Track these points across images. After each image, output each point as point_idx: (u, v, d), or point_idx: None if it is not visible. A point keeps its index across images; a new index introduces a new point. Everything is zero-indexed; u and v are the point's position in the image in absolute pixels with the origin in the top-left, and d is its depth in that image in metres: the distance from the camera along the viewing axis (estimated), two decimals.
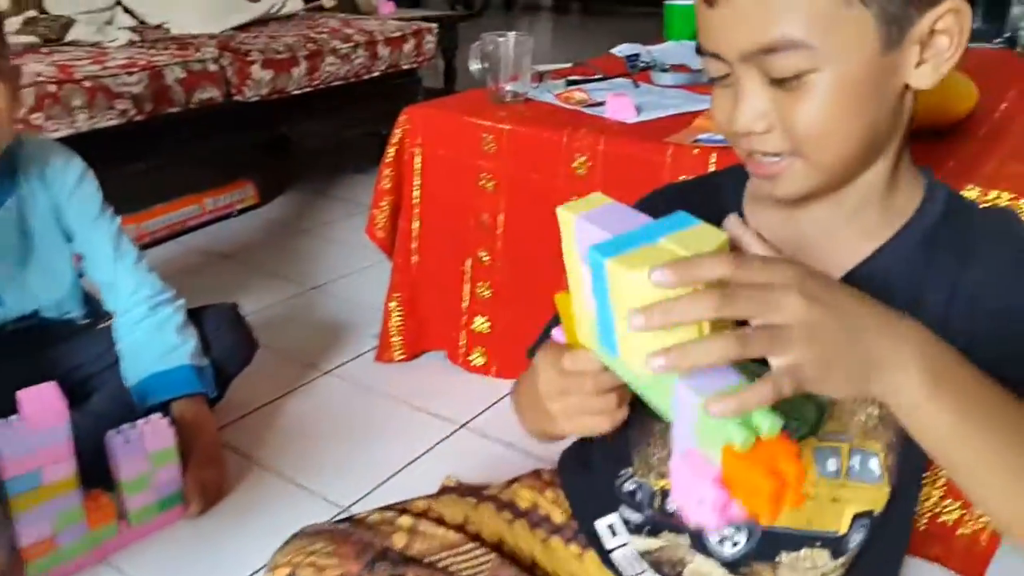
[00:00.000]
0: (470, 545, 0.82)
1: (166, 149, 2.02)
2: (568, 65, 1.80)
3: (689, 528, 0.74)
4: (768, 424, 0.44)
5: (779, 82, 0.57)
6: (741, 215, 0.70)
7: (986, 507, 0.57)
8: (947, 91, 1.24)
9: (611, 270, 0.47)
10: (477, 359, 1.56)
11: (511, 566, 0.82)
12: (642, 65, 1.79)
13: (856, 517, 0.71)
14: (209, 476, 1.17)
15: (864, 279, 0.64)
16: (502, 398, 1.48)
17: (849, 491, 0.70)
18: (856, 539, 0.73)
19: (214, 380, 1.27)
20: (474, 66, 1.53)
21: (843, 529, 0.71)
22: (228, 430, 1.38)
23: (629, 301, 0.46)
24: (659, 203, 0.73)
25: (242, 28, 2.43)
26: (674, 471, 0.49)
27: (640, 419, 0.76)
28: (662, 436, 0.75)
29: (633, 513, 0.79)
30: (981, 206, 0.71)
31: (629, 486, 0.79)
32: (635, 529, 0.80)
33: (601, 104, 1.47)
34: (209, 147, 2.16)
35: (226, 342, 1.31)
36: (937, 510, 1.14)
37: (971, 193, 1.04)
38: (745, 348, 0.45)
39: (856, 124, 0.58)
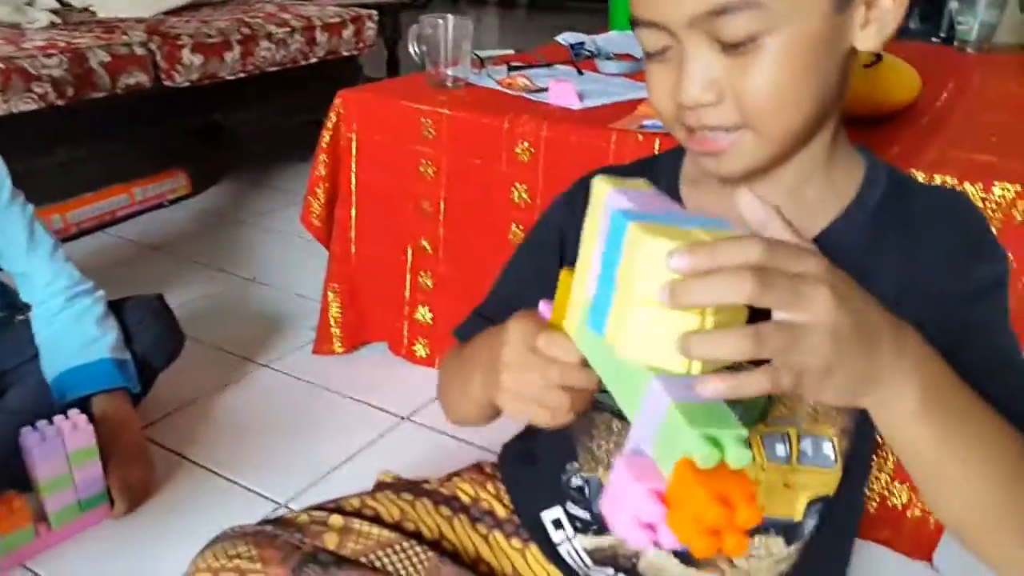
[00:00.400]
0: (407, 543, 0.78)
1: (92, 136, 1.93)
2: (510, 51, 1.77)
3: None
4: (736, 453, 0.39)
5: (730, 47, 0.54)
6: (678, 200, 0.68)
7: (938, 508, 0.55)
8: (892, 78, 1.24)
9: (632, 234, 0.42)
10: (420, 350, 1.52)
11: (451, 563, 0.79)
12: (586, 53, 1.77)
13: (811, 503, 0.69)
14: (134, 474, 1.12)
15: None
16: None
17: (802, 476, 0.68)
18: (811, 524, 0.71)
19: (137, 375, 1.20)
20: (412, 49, 1.49)
21: (798, 516, 0.69)
22: (156, 427, 1.32)
23: (640, 273, 0.41)
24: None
25: (173, 13, 2.34)
26: (615, 471, 0.44)
27: (587, 417, 0.74)
28: (606, 428, 0.73)
29: (580, 510, 0.77)
30: (923, 183, 0.69)
31: (576, 481, 0.76)
32: (582, 527, 0.77)
33: (544, 90, 1.44)
34: (138, 134, 2.07)
35: (150, 334, 1.25)
36: (886, 493, 1.14)
37: (917, 176, 1.04)
38: (762, 347, 0.40)
39: (807, 89, 0.56)
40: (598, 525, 0.75)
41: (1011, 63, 1.93)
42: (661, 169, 0.72)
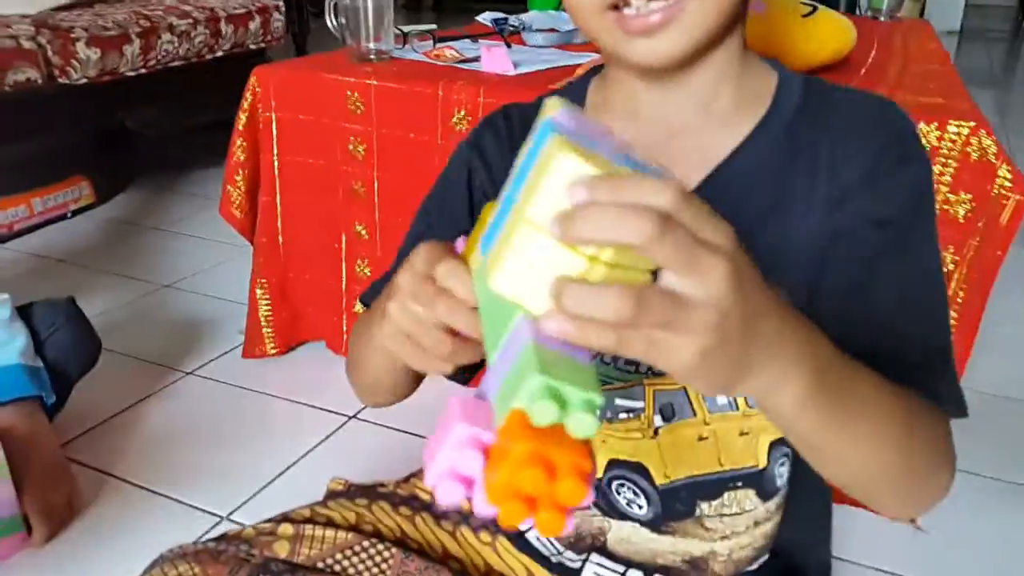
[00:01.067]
0: (367, 542, 0.71)
1: None
2: (433, 27, 1.69)
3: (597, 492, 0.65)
4: (579, 419, 0.33)
5: None
6: None
7: (825, 475, 0.52)
8: (829, 26, 1.22)
9: (550, 146, 0.34)
10: None
11: (418, 558, 0.71)
12: (511, 28, 1.71)
13: (773, 445, 0.64)
14: (53, 495, 0.99)
15: (727, 181, 0.59)
16: None
17: (757, 420, 0.63)
18: (781, 474, 0.66)
19: (51, 384, 1.08)
20: (331, 22, 1.40)
21: (762, 462, 0.64)
22: (75, 444, 1.19)
23: (540, 192, 0.34)
24: (501, 125, 0.69)
25: (62, 9, 2.18)
26: (446, 411, 0.37)
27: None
28: None
29: None
30: (845, 88, 0.64)
31: None
32: None
33: (475, 59, 1.37)
34: (35, 139, 1.91)
35: (63, 340, 1.13)
36: None
37: None
38: (641, 314, 0.33)
39: None
40: None
41: (921, 27, 1.96)
42: (568, 98, 0.67)
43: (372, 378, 0.64)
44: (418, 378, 0.63)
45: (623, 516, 0.66)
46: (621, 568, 0.68)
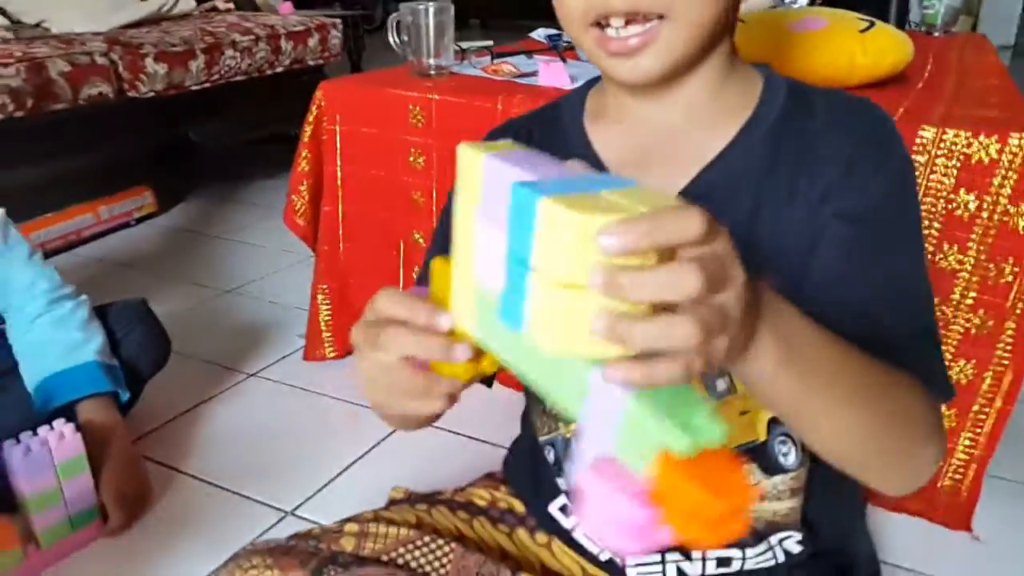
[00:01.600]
0: (428, 537, 0.74)
1: (55, 151, 1.85)
2: (490, 43, 1.73)
3: None
4: (712, 432, 0.34)
5: None
6: (583, 137, 0.67)
7: (815, 450, 0.54)
8: (887, 40, 1.23)
9: (546, 212, 0.34)
10: None
11: (477, 552, 0.74)
12: (564, 44, 1.74)
13: (772, 422, 0.66)
14: (128, 485, 1.04)
15: (714, 181, 0.62)
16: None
17: (755, 401, 0.64)
18: (784, 453, 0.67)
19: (125, 382, 1.13)
20: (393, 39, 1.44)
21: (762, 435, 0.66)
22: (146, 440, 1.24)
23: (564, 255, 0.34)
24: (506, 136, 0.69)
25: (131, 26, 2.27)
26: (582, 486, 0.38)
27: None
28: None
29: (559, 479, 0.73)
30: (827, 89, 0.66)
31: (547, 452, 0.74)
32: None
33: (532, 75, 1.40)
34: (103, 150, 1.99)
35: (137, 340, 1.18)
36: None
37: (927, 134, 1.02)
38: (706, 331, 0.35)
39: None
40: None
41: (976, 41, 1.95)
42: (566, 107, 0.71)
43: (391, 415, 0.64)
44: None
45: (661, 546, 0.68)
46: (656, 557, 0.69)
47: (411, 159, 1.35)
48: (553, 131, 0.70)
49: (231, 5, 2.77)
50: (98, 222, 2.10)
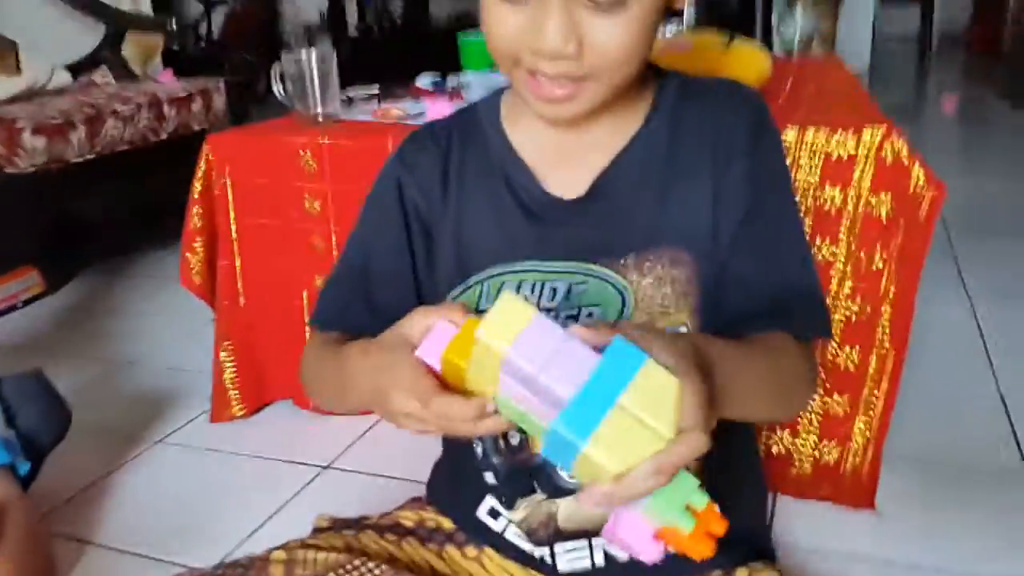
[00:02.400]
0: (359, 561, 0.74)
1: None
2: (376, 89, 1.76)
3: (533, 468, 0.73)
4: (701, 501, 0.51)
5: (600, 5, 0.58)
6: (503, 136, 0.74)
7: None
8: (746, 56, 1.32)
9: (590, 455, 0.48)
10: None
11: (407, 573, 0.75)
12: (451, 89, 1.79)
13: None
14: (30, 561, 0.99)
15: (626, 167, 0.70)
16: (364, 433, 1.38)
17: None
18: None
19: (25, 454, 1.08)
20: (277, 89, 1.45)
21: None
22: (51, 516, 1.18)
23: (651, 407, 0.48)
24: (426, 140, 0.77)
25: (3, 104, 2.20)
26: (616, 528, 0.53)
27: None
28: None
29: (487, 472, 0.76)
30: (706, 79, 0.76)
31: (476, 447, 0.76)
32: (507, 498, 0.76)
33: (420, 115, 1.44)
34: None
35: (34, 410, 1.13)
36: (816, 453, 1.17)
37: (789, 135, 1.10)
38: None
39: (645, 49, 0.63)
40: (507, 494, 0.75)
41: (831, 61, 2.10)
42: (483, 112, 0.76)
43: (333, 400, 0.74)
44: None
45: (568, 492, 0.72)
46: (583, 542, 0.73)
47: (306, 205, 1.36)
48: (473, 133, 0.76)
49: (109, 79, 2.72)
50: None
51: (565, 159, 0.71)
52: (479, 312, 0.57)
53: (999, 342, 1.59)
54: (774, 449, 1.18)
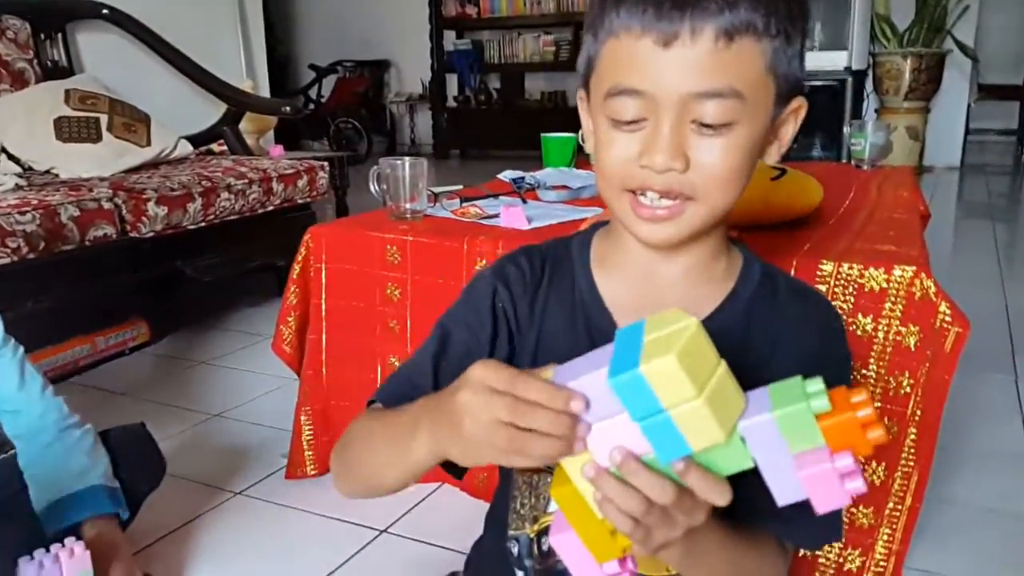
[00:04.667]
0: None
1: (60, 287, 2.00)
2: (460, 187, 1.93)
3: (560, 573, 0.78)
4: (821, 401, 0.53)
5: (705, 126, 0.63)
6: (589, 278, 0.77)
7: None
8: (797, 186, 1.43)
9: (649, 372, 0.50)
10: None
11: None
12: (527, 186, 1.94)
13: None
14: None
15: None
16: (422, 500, 1.50)
17: None
18: None
19: (125, 502, 1.24)
20: (373, 188, 1.63)
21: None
22: (143, 555, 1.34)
23: (674, 389, 0.51)
24: (523, 261, 0.79)
25: (133, 171, 2.48)
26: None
27: (509, 474, 0.81)
28: (527, 485, 0.80)
29: (519, 572, 0.82)
30: (789, 278, 0.80)
31: (512, 546, 0.82)
32: None
33: (495, 216, 1.59)
34: (103, 284, 2.15)
35: (135, 462, 1.29)
36: (840, 560, 1.23)
37: (826, 267, 1.20)
38: (643, 521, 0.58)
39: (744, 177, 0.67)
40: None
41: (900, 174, 2.17)
42: (575, 247, 0.80)
43: (375, 472, 0.71)
44: (408, 483, 0.71)
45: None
46: None
47: (388, 291, 1.52)
48: (565, 267, 0.78)
49: (225, 148, 3.00)
50: (94, 352, 2.24)
51: (647, 311, 0.72)
52: None
53: None
54: (800, 553, 1.25)
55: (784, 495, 0.55)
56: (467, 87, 7.25)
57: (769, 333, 0.74)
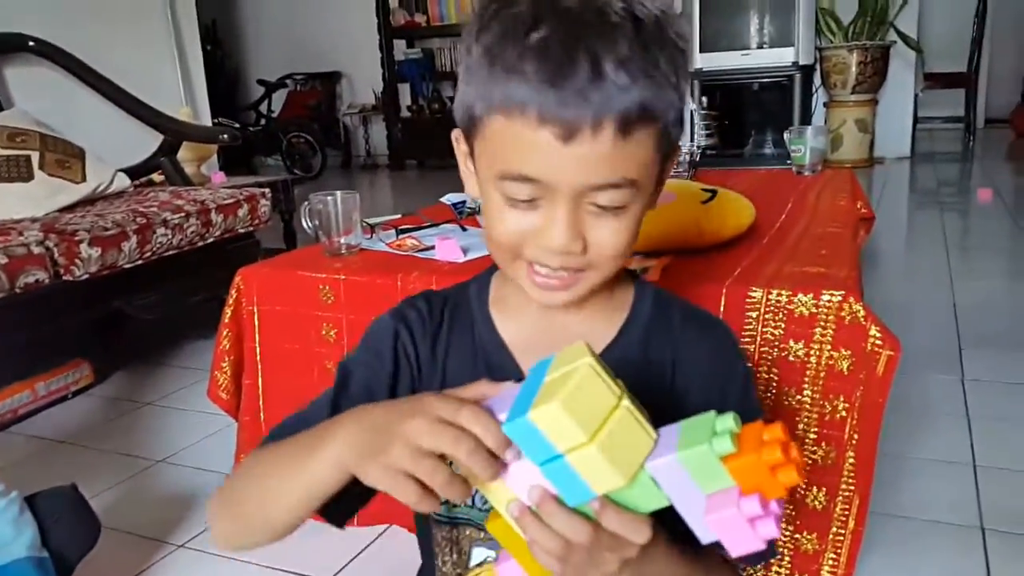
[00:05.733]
0: None
1: None
2: (398, 216, 1.91)
3: None
4: (728, 426, 0.53)
5: (600, 208, 0.64)
6: (488, 320, 0.78)
7: None
8: (726, 208, 1.42)
9: (537, 417, 0.51)
10: None
11: None
12: (467, 211, 1.92)
13: None
14: None
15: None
16: (368, 546, 1.48)
17: None
18: None
19: (55, 571, 1.20)
20: (306, 224, 1.60)
21: None
22: None
23: (565, 434, 0.51)
24: (423, 308, 0.79)
25: (67, 209, 2.41)
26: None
27: (429, 531, 0.82)
28: (447, 541, 0.81)
29: None
30: (681, 300, 0.82)
31: None
32: None
33: (431, 248, 1.56)
34: (39, 328, 2.08)
35: (65, 527, 1.25)
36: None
37: (756, 294, 1.19)
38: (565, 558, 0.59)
39: (635, 240, 0.69)
40: None
41: (841, 178, 2.18)
42: (474, 291, 0.81)
43: (261, 504, 0.67)
44: (296, 526, 0.68)
45: None
46: None
47: (323, 332, 1.49)
48: (463, 311, 0.80)
49: (164, 179, 2.94)
50: (35, 398, 2.18)
51: (547, 350, 0.74)
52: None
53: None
54: None
55: (703, 535, 0.55)
56: (420, 96, 7.21)
57: (667, 355, 0.76)
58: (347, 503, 0.69)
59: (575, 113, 0.59)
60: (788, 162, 2.40)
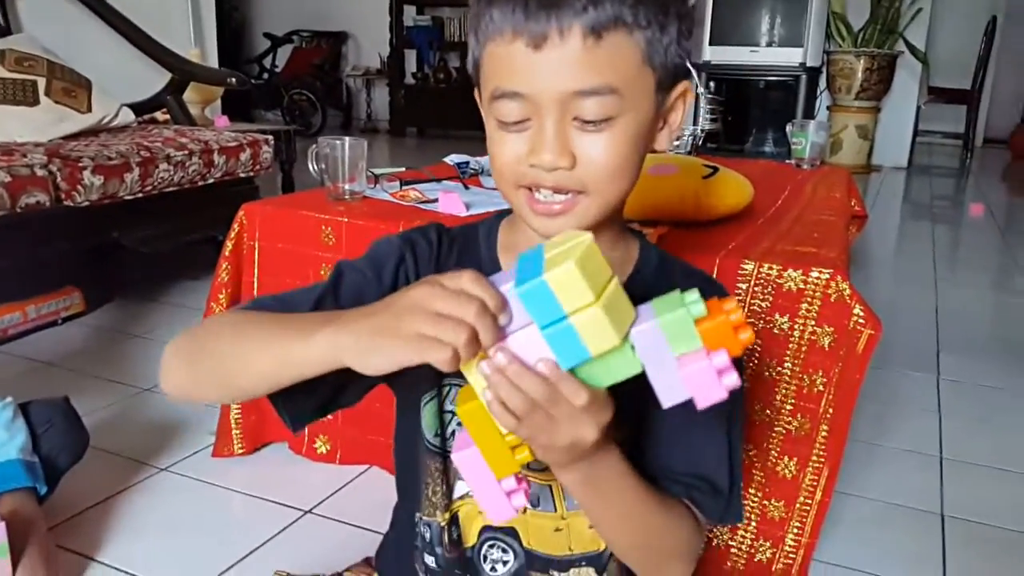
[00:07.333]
0: None
1: None
2: (403, 169, 1.93)
3: (468, 562, 0.83)
4: (697, 308, 0.58)
5: (587, 123, 0.65)
6: (495, 263, 0.80)
7: (602, 539, 0.77)
8: (725, 185, 1.45)
9: (554, 278, 0.54)
10: (321, 447, 1.59)
11: None
12: (471, 171, 1.94)
13: None
14: (43, 573, 1.13)
15: None
16: (348, 483, 1.51)
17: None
18: (610, 554, 0.84)
19: (44, 476, 1.23)
20: (312, 167, 1.62)
21: (603, 546, 0.83)
22: (60, 529, 1.32)
23: (580, 288, 0.54)
24: (432, 236, 0.81)
25: (72, 138, 2.42)
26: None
27: (419, 462, 0.84)
28: (439, 472, 0.83)
29: (429, 557, 0.85)
30: (684, 262, 0.84)
31: (423, 530, 0.85)
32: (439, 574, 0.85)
33: (434, 201, 1.59)
34: (35, 252, 2.10)
35: (56, 435, 1.28)
36: (751, 551, 1.27)
37: (748, 266, 1.23)
38: (525, 418, 0.60)
39: (633, 167, 0.70)
40: (443, 569, 0.84)
41: (837, 175, 2.22)
42: (483, 233, 0.83)
43: (235, 364, 0.68)
44: (252, 394, 0.70)
45: None
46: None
47: (322, 272, 1.51)
48: (471, 249, 0.81)
49: (168, 118, 2.94)
50: (24, 320, 2.19)
51: None
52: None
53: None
54: (714, 542, 1.29)
55: (669, 396, 0.59)
56: (426, 64, 7.19)
57: None
58: (308, 401, 0.73)
59: (542, 21, 0.63)
60: (788, 160, 2.44)
